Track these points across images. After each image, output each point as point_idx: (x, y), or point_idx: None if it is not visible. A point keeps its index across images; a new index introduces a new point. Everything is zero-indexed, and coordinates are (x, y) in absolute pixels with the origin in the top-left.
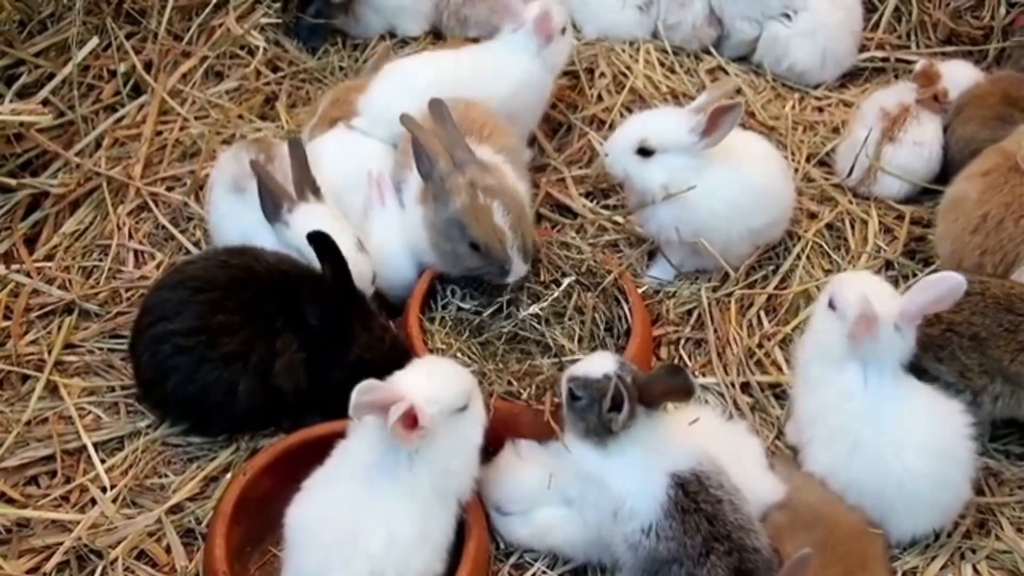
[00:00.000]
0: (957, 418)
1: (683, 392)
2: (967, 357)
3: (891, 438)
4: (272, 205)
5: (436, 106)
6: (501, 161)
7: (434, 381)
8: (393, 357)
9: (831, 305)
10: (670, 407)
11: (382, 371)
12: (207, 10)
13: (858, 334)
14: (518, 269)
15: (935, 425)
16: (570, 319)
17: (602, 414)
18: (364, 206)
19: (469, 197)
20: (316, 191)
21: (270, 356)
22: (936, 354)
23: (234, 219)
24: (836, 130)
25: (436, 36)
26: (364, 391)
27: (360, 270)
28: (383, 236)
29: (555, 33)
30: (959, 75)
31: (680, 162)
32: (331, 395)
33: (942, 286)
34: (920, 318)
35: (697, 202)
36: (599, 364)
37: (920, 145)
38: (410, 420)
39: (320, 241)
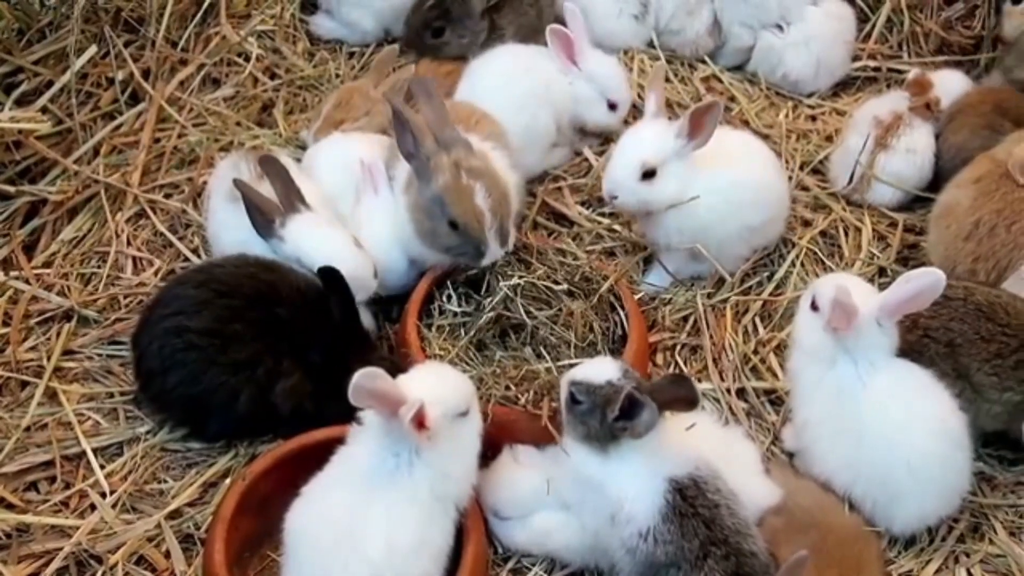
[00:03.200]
0: (952, 400)
1: (687, 402)
2: (943, 362)
3: (895, 422)
4: (263, 221)
5: (422, 84)
6: (489, 148)
7: (438, 384)
8: None
9: (813, 307)
10: (667, 412)
11: None
12: (202, 16)
13: (836, 323)
14: (494, 251)
15: (934, 405)
16: (566, 326)
17: (606, 420)
18: (356, 194)
19: (452, 176)
20: (303, 200)
21: (275, 375)
22: (914, 360)
23: (232, 228)
24: (829, 138)
25: None
26: (367, 376)
27: (360, 264)
28: (374, 226)
29: None
30: (950, 84)
31: (680, 169)
32: (327, 413)
33: (923, 281)
34: (900, 313)
35: (696, 203)
36: (602, 370)
37: (913, 153)
38: (416, 420)
39: (329, 276)
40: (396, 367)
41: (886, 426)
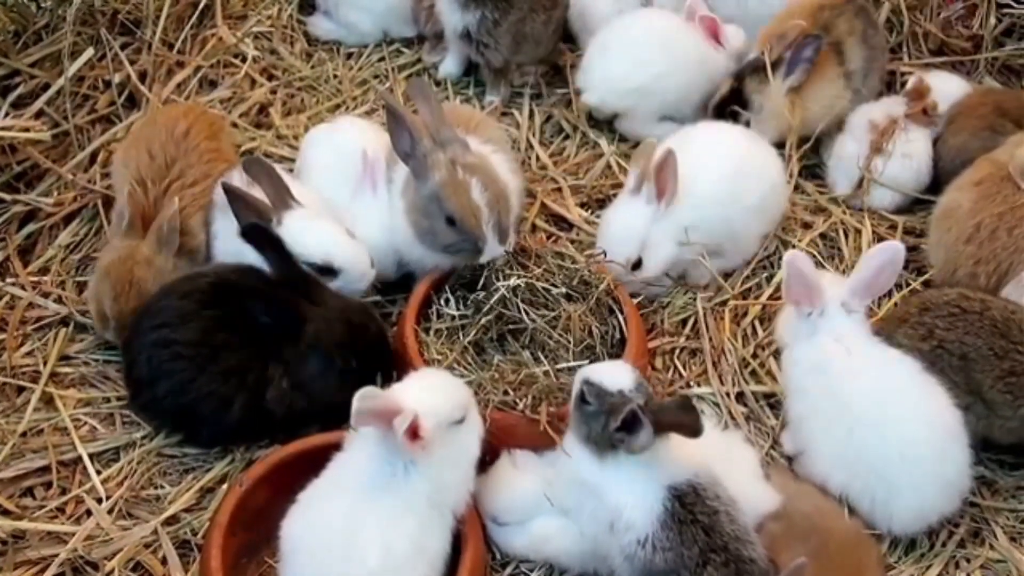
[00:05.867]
0: (942, 392)
1: (690, 431)
2: (955, 375)
3: (883, 409)
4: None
5: (418, 86)
6: (490, 151)
7: (432, 394)
8: (350, 325)
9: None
10: None
11: (345, 338)
12: (198, 17)
13: (797, 297)
14: (492, 248)
15: (921, 393)
16: (564, 329)
17: (607, 428)
18: (353, 187)
19: (448, 172)
20: (293, 197)
21: (265, 380)
22: (926, 369)
23: (227, 236)
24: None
25: (420, 41)
26: (364, 398)
27: (358, 253)
28: (368, 223)
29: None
30: (945, 86)
31: (665, 228)
32: (314, 387)
33: (881, 257)
34: (868, 295)
35: (690, 210)
36: (616, 377)
37: (909, 158)
38: (411, 431)
39: (253, 232)
40: (350, 306)
41: (874, 412)
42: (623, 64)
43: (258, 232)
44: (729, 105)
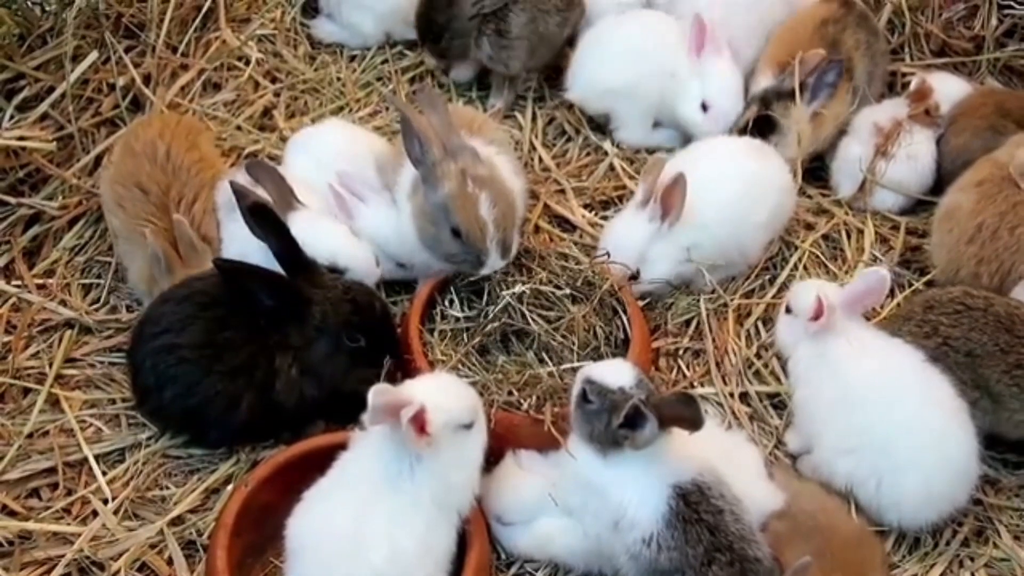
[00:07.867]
0: (945, 381)
1: (691, 423)
2: (961, 372)
3: (883, 394)
4: None
5: (427, 95)
6: (493, 152)
7: (444, 393)
8: (355, 304)
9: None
10: None
11: (352, 316)
12: (201, 20)
13: (824, 324)
14: (494, 262)
15: (922, 378)
16: (568, 330)
17: (611, 426)
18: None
19: (458, 184)
20: (297, 198)
21: (272, 374)
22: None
23: (232, 239)
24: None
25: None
26: (378, 393)
27: (364, 253)
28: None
29: None
30: (946, 88)
31: (665, 247)
32: (323, 371)
33: (867, 282)
34: (858, 310)
35: (700, 231)
36: (617, 375)
37: (914, 159)
38: (418, 426)
39: (260, 214)
40: (356, 288)
41: (874, 399)
42: (604, 65)
43: (263, 212)
44: (754, 127)
